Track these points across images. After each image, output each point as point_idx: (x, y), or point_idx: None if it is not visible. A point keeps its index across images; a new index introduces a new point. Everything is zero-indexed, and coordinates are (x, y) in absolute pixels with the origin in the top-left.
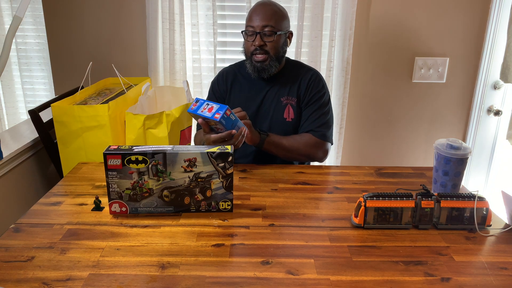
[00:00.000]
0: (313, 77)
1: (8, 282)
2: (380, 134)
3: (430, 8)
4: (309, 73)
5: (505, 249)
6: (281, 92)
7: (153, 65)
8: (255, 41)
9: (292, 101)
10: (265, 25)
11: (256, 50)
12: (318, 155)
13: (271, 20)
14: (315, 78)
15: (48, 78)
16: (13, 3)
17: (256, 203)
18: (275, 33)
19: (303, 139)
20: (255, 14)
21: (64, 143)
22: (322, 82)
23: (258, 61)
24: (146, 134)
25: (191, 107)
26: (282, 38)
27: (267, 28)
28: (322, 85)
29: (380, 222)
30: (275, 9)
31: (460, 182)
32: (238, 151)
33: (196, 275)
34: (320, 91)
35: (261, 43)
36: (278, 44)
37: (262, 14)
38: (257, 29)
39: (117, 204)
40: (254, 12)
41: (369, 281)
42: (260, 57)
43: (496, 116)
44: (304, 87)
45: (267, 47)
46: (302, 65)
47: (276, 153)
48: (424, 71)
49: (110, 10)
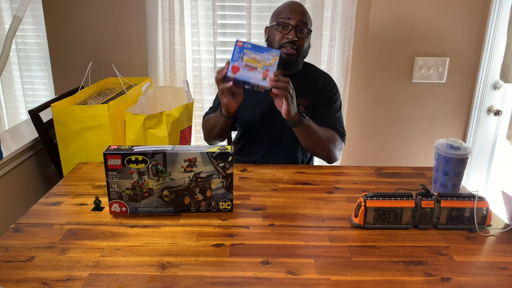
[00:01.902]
0: (328, 80)
1: (8, 282)
2: (380, 134)
3: (430, 8)
4: (324, 76)
5: (505, 249)
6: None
7: (153, 65)
8: (289, 34)
9: (305, 102)
10: (302, 21)
11: (288, 43)
12: (337, 155)
13: (306, 18)
14: (330, 82)
15: (48, 78)
16: (13, 3)
17: (256, 203)
18: (309, 30)
19: (333, 135)
20: (291, 9)
21: (64, 143)
22: (336, 87)
23: (288, 54)
24: (146, 134)
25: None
26: (309, 37)
27: (302, 25)
28: (336, 89)
29: (380, 222)
30: (305, 9)
31: (460, 182)
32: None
33: (196, 275)
34: (335, 94)
35: (295, 37)
36: (306, 42)
37: (298, 10)
38: (294, 22)
39: (117, 204)
40: (290, 7)
41: (369, 281)
42: (291, 50)
43: (496, 116)
44: (319, 89)
45: (298, 42)
46: (315, 67)
47: (306, 138)
48: (424, 71)
49: (110, 10)
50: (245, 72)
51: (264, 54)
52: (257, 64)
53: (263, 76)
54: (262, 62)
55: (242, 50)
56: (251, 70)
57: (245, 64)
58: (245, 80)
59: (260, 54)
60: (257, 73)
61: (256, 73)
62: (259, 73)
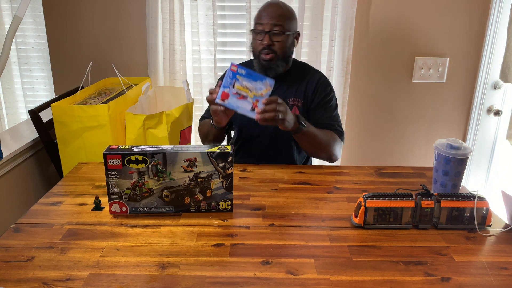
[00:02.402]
0: (321, 79)
1: (8, 282)
2: (380, 134)
3: (430, 8)
4: (317, 75)
5: (505, 249)
6: (288, 93)
7: (153, 65)
8: (264, 40)
9: (299, 103)
10: (274, 25)
11: (264, 49)
12: (338, 155)
13: (280, 20)
14: (323, 81)
15: (48, 78)
16: (13, 3)
17: (256, 203)
18: (283, 33)
19: (332, 136)
20: (265, 13)
21: (64, 143)
22: (330, 85)
23: (265, 60)
24: (146, 134)
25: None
26: (290, 39)
27: (276, 28)
28: (331, 88)
29: (380, 222)
30: (284, 9)
31: (460, 182)
32: (242, 151)
33: (196, 275)
34: (330, 93)
35: (270, 43)
36: (286, 44)
37: (271, 14)
38: (266, 28)
39: (117, 204)
40: (264, 11)
41: (369, 281)
42: (267, 56)
43: (496, 116)
44: (312, 89)
45: (275, 46)
46: (309, 67)
47: (307, 144)
48: (424, 71)
49: (110, 10)
50: (234, 101)
51: (257, 83)
52: (248, 93)
53: (252, 107)
54: (254, 91)
55: (235, 76)
56: (241, 98)
57: (235, 92)
58: (233, 108)
59: (253, 83)
60: (246, 103)
61: (245, 103)
62: (248, 103)
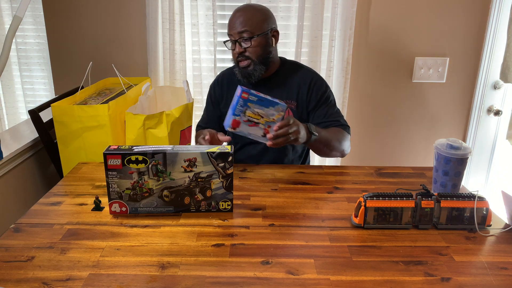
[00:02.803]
0: (314, 78)
1: (8, 282)
2: (380, 134)
3: (430, 8)
4: (308, 74)
5: (505, 249)
6: (280, 95)
7: (153, 65)
8: (235, 49)
9: (292, 105)
10: (241, 31)
11: (238, 57)
12: (348, 149)
13: (246, 25)
14: (317, 79)
15: (48, 78)
16: (13, 3)
17: (256, 203)
18: (252, 37)
19: (341, 133)
20: (231, 22)
21: (64, 143)
22: (324, 82)
23: (242, 67)
24: (146, 134)
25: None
26: (262, 40)
27: (244, 34)
28: (325, 84)
29: (380, 222)
30: (249, 13)
31: (460, 182)
32: (243, 153)
33: (196, 275)
34: (326, 91)
35: (241, 50)
36: (257, 47)
37: (237, 21)
38: (235, 37)
39: (117, 204)
40: (231, 21)
41: (369, 281)
42: (243, 63)
43: (496, 116)
44: (306, 89)
45: (247, 52)
46: (299, 65)
47: (320, 150)
48: (424, 71)
49: (110, 10)
50: (245, 128)
51: (269, 110)
52: (260, 119)
53: (264, 133)
54: (265, 117)
55: (246, 104)
56: (252, 125)
57: (246, 119)
58: (244, 135)
59: (265, 109)
60: (258, 129)
61: (256, 129)
62: (260, 129)
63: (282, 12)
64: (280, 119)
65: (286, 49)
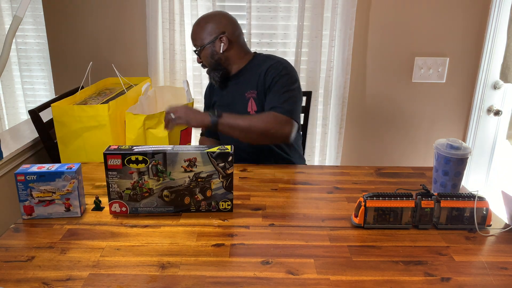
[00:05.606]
0: (274, 65)
1: (8, 282)
2: (380, 134)
3: (430, 8)
4: (270, 62)
5: (505, 249)
6: (245, 87)
7: (153, 65)
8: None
9: (253, 94)
10: (194, 44)
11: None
12: (283, 131)
13: (194, 39)
14: (275, 65)
15: (48, 78)
16: (13, 3)
17: (256, 203)
18: (199, 48)
19: (263, 116)
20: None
21: (64, 143)
22: (283, 66)
23: (207, 73)
24: (146, 134)
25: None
26: (208, 50)
27: (195, 47)
28: (282, 68)
29: (380, 222)
30: (195, 27)
31: (460, 182)
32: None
33: (196, 275)
34: (279, 74)
35: (199, 60)
36: (206, 57)
37: (191, 35)
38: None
39: (117, 204)
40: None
41: (369, 281)
42: (206, 70)
43: (496, 116)
44: (263, 76)
45: (203, 62)
46: (269, 58)
47: (234, 135)
48: (424, 71)
49: (110, 10)
50: (42, 210)
51: (56, 182)
52: (52, 196)
53: (66, 207)
54: (58, 191)
55: (28, 186)
56: (47, 205)
57: (37, 201)
58: (46, 217)
59: (52, 183)
60: (58, 206)
61: (56, 207)
62: (60, 206)
63: (282, 12)
64: (75, 186)
65: (286, 49)
